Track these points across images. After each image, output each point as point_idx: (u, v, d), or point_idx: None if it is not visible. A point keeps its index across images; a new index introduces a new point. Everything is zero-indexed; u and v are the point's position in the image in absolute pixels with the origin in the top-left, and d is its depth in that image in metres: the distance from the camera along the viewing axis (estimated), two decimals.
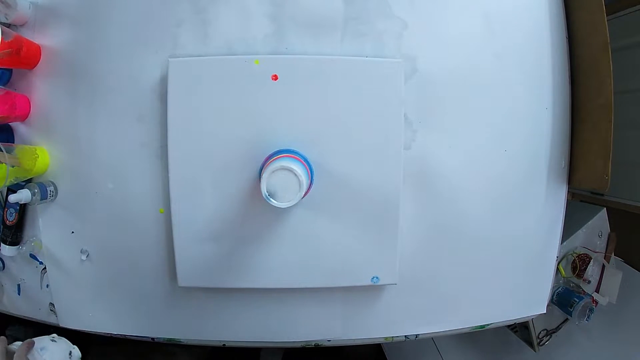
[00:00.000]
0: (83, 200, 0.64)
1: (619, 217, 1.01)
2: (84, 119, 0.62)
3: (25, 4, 0.61)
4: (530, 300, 0.71)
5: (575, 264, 0.91)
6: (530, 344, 0.98)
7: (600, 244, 0.96)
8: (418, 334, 0.68)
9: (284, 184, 0.49)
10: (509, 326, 1.03)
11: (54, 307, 0.67)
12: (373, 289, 0.65)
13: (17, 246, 0.66)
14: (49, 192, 0.62)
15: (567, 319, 0.97)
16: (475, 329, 0.69)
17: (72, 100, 0.62)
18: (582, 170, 0.66)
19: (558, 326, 0.98)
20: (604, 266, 0.91)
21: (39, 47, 0.62)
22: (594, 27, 0.62)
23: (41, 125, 0.63)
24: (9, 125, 0.64)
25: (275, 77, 0.58)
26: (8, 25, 0.61)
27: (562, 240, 0.74)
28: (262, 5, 0.60)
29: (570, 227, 0.92)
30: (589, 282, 0.89)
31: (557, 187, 0.69)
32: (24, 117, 0.63)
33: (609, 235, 0.98)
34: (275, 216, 0.60)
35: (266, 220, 0.60)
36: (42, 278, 0.67)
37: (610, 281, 0.90)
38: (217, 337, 0.68)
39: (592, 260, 0.89)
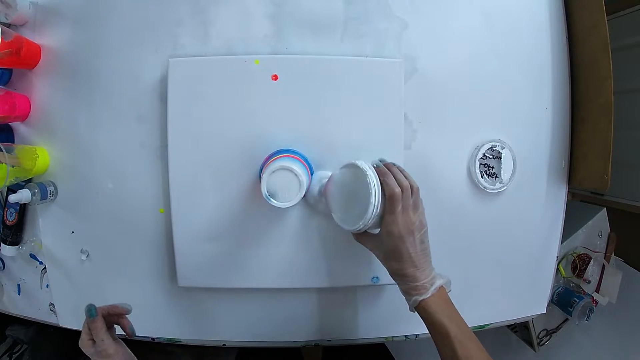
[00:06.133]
0: (83, 200, 0.64)
1: (619, 217, 1.01)
2: (84, 119, 0.62)
3: (25, 4, 0.61)
4: (530, 300, 0.71)
5: (575, 264, 0.91)
6: (530, 344, 0.98)
7: (600, 244, 0.96)
8: (418, 334, 0.68)
9: (284, 184, 0.49)
10: (509, 326, 1.03)
11: (54, 307, 0.67)
12: (373, 289, 0.65)
13: (17, 246, 0.66)
14: (49, 192, 0.62)
15: (567, 319, 0.97)
16: (475, 329, 0.69)
17: (72, 100, 0.62)
18: (583, 171, 0.66)
19: (558, 326, 0.98)
20: (604, 266, 0.91)
21: (39, 47, 0.62)
22: (594, 27, 0.62)
23: (41, 125, 0.63)
24: (9, 125, 0.64)
25: (275, 77, 0.58)
26: (8, 25, 0.61)
27: (562, 240, 0.74)
28: (262, 5, 0.60)
29: (570, 227, 0.92)
30: (589, 282, 0.89)
31: (557, 187, 0.69)
32: (24, 117, 0.63)
33: (609, 235, 0.98)
34: (276, 216, 0.60)
35: (266, 220, 0.60)
36: (42, 278, 0.67)
37: (610, 281, 0.91)
38: (217, 337, 0.68)
39: (592, 260, 0.89)
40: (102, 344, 0.46)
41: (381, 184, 0.48)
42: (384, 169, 0.50)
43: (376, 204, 0.47)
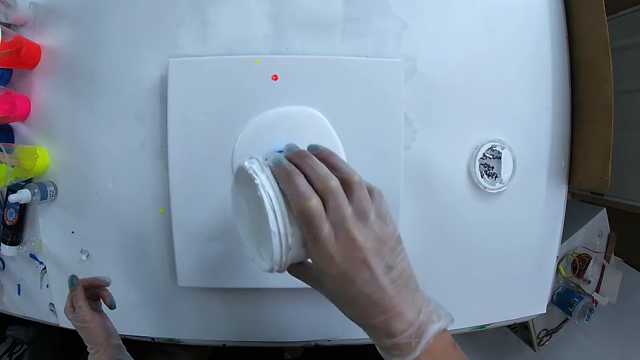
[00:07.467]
0: (83, 200, 0.64)
1: (619, 217, 1.01)
2: (83, 119, 0.62)
3: (25, 4, 0.61)
4: (530, 300, 0.71)
5: (575, 264, 0.91)
6: (530, 344, 0.98)
7: (600, 244, 0.96)
8: None
9: None
10: (509, 326, 1.03)
11: (54, 307, 0.67)
12: None
13: (17, 246, 0.66)
14: (49, 192, 0.62)
15: (567, 319, 0.97)
16: (475, 329, 0.69)
17: (72, 100, 0.62)
18: (582, 170, 0.66)
19: (558, 326, 0.98)
20: (604, 266, 0.91)
21: (39, 47, 0.62)
22: (594, 27, 0.62)
23: (41, 125, 0.63)
24: (9, 125, 0.64)
25: (275, 77, 0.58)
26: (8, 25, 0.61)
27: (562, 240, 0.74)
28: (262, 5, 0.60)
29: (570, 227, 0.92)
30: (589, 282, 0.89)
31: (557, 187, 0.68)
32: (24, 117, 0.63)
33: (609, 235, 0.98)
34: None
35: None
36: (42, 278, 0.67)
37: (610, 281, 0.91)
38: (217, 337, 0.68)
39: (592, 260, 0.89)
40: (79, 310, 0.52)
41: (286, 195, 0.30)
42: (287, 169, 0.29)
43: (281, 232, 0.29)
